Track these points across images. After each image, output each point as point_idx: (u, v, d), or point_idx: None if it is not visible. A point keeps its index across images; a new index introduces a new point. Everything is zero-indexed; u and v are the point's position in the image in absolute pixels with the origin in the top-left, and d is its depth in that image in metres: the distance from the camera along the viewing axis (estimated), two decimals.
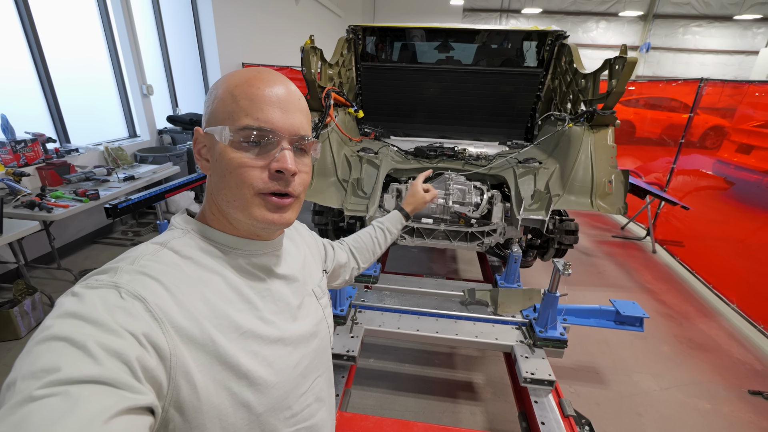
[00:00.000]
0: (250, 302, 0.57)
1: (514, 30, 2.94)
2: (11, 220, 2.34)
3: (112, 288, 0.45)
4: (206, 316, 0.51)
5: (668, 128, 4.77)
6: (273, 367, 0.57)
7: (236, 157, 0.54)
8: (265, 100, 0.54)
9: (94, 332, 0.40)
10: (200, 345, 0.49)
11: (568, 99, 2.43)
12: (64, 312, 0.41)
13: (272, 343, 0.58)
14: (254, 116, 0.53)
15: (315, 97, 2.18)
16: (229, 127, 0.54)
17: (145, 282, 0.47)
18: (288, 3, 8.28)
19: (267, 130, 0.54)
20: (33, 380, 0.35)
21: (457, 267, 3.54)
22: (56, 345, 0.38)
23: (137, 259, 0.51)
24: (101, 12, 3.79)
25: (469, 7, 14.10)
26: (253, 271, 0.61)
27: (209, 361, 0.49)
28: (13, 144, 2.88)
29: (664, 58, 14.11)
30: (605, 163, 2.02)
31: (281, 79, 0.58)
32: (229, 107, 0.54)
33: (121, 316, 0.42)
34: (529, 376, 1.59)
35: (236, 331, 0.53)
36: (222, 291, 0.55)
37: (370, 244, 1.09)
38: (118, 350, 0.39)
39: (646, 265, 3.76)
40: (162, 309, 0.46)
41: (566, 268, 1.61)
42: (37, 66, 3.22)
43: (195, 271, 0.54)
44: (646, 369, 2.38)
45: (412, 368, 2.30)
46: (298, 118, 0.58)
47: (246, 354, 0.53)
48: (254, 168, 0.54)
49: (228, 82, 0.56)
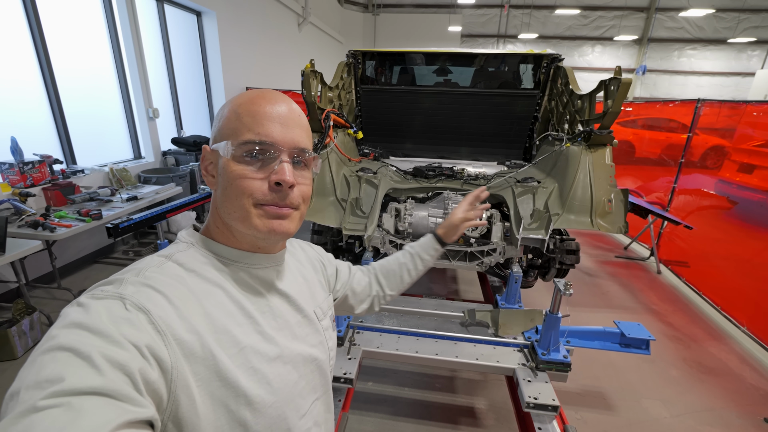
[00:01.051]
0: (250, 317, 0.58)
1: (510, 53, 3.01)
2: (14, 240, 2.36)
3: (117, 299, 0.45)
4: (207, 330, 0.51)
5: (667, 148, 4.80)
6: (272, 384, 0.56)
7: (238, 169, 0.56)
8: (266, 116, 0.57)
9: (99, 343, 0.40)
10: (201, 359, 0.49)
11: (565, 119, 2.46)
12: (69, 322, 0.42)
13: (271, 360, 0.57)
14: (255, 131, 0.56)
15: (315, 119, 2.22)
16: (231, 141, 0.56)
17: (149, 294, 0.48)
18: (291, 29, 8.57)
19: (267, 144, 0.56)
20: (37, 390, 0.35)
21: (458, 288, 3.50)
22: (61, 355, 0.38)
23: (142, 271, 0.52)
24: (111, 38, 3.93)
25: (467, 33, 14.55)
26: (254, 285, 0.61)
27: (209, 376, 0.49)
28: (21, 165, 2.93)
29: (660, 80, 14.38)
30: (604, 182, 2.02)
31: (283, 98, 0.61)
32: (233, 124, 0.57)
33: (125, 327, 0.43)
34: (532, 401, 1.53)
35: (236, 346, 0.53)
36: (223, 304, 0.55)
37: (397, 270, 1.01)
38: (121, 362, 0.40)
39: (651, 285, 3.70)
40: (165, 321, 0.47)
41: (567, 288, 1.59)
42: (48, 91, 3.32)
43: (198, 284, 0.55)
44: (655, 394, 2.30)
45: (411, 392, 2.24)
46: (298, 132, 0.60)
47: (245, 370, 0.53)
48: (254, 179, 0.56)
49: (234, 102, 0.59)
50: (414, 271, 1.04)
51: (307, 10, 9.09)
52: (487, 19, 14.61)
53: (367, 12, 14.09)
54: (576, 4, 13.79)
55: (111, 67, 4.00)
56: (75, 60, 3.56)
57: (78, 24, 3.59)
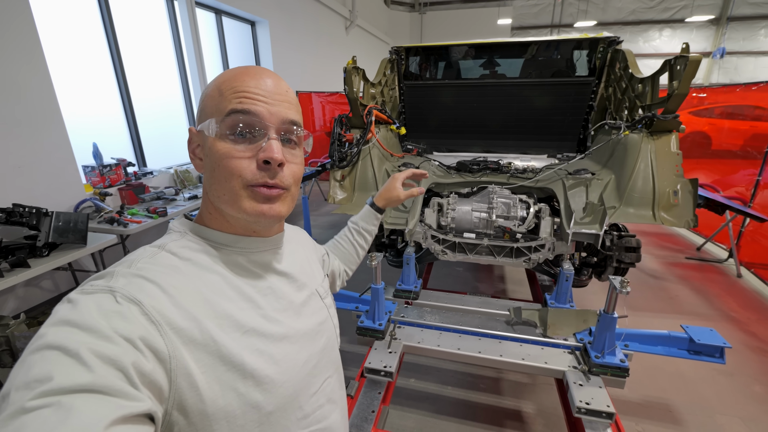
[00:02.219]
0: (251, 300, 0.57)
1: (562, 39, 2.83)
2: (94, 234, 2.65)
3: (108, 293, 0.44)
4: (207, 315, 0.50)
5: (752, 139, 4.24)
6: (280, 365, 0.56)
7: (224, 149, 0.54)
8: (251, 90, 0.54)
9: (88, 339, 0.39)
10: (201, 346, 0.48)
11: (624, 106, 2.27)
12: (58, 319, 0.41)
13: (278, 340, 0.57)
14: (238, 102, 0.54)
15: (357, 115, 2.25)
16: (215, 118, 0.54)
17: (142, 285, 0.47)
18: (338, 33, 8.80)
19: (251, 113, 0.54)
20: (26, 391, 0.34)
21: (505, 287, 3.36)
22: (49, 354, 0.37)
23: (134, 262, 0.50)
24: (176, 51, 4.29)
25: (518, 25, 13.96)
26: (253, 269, 0.60)
27: (212, 362, 0.48)
28: (101, 168, 3.30)
29: (743, 63, 12.77)
30: (669, 171, 1.83)
31: (268, 73, 0.58)
32: (216, 102, 0.55)
33: (116, 321, 0.41)
34: (584, 406, 1.43)
35: (239, 329, 0.53)
36: (222, 290, 0.54)
37: (352, 250, 1.07)
38: (112, 357, 0.38)
39: (730, 290, 3.30)
40: (159, 311, 0.45)
41: (624, 286, 1.46)
42: (123, 101, 3.70)
43: (194, 271, 0.53)
44: (732, 410, 2.04)
45: (455, 391, 2.19)
46: (285, 107, 0.57)
47: (251, 353, 0.52)
48: (242, 159, 0.54)
49: (217, 80, 0.57)
50: (364, 245, 1.10)
51: (354, 13, 9.28)
52: (540, 9, 13.92)
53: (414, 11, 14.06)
54: None
55: (176, 77, 4.37)
56: (145, 71, 3.94)
57: (147, 38, 3.96)
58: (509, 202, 2.12)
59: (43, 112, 2.70)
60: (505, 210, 2.11)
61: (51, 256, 2.25)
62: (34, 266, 2.12)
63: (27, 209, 2.24)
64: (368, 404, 1.55)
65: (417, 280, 2.23)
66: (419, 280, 2.24)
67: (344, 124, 2.33)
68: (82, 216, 2.45)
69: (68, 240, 2.32)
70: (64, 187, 2.93)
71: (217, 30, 5.03)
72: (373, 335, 1.82)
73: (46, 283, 2.93)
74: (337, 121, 2.31)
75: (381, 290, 1.84)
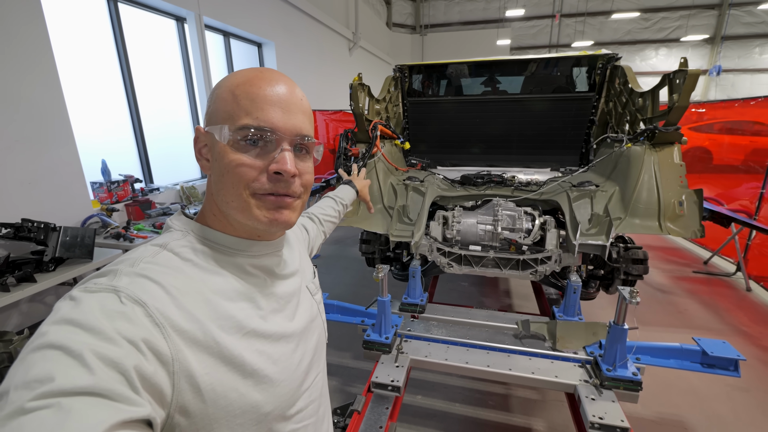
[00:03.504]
0: (252, 301, 0.57)
1: (562, 56, 2.90)
2: (100, 249, 2.66)
3: (112, 292, 0.43)
4: (208, 317, 0.50)
5: (753, 154, 4.27)
6: (278, 365, 0.56)
7: (235, 157, 0.53)
8: (266, 99, 0.53)
9: (91, 340, 0.38)
10: (204, 347, 0.48)
11: (625, 120, 2.30)
12: (60, 318, 0.40)
13: (276, 341, 0.58)
14: (254, 116, 0.53)
15: (362, 130, 2.29)
16: (228, 126, 0.53)
17: (145, 285, 0.46)
18: (342, 54, 9.03)
19: (266, 130, 0.53)
20: (26, 390, 0.34)
21: (511, 302, 3.33)
22: (51, 353, 0.36)
23: (137, 261, 0.49)
24: (185, 71, 4.41)
25: (517, 45, 14.29)
26: (254, 271, 0.60)
27: (214, 363, 0.48)
28: (109, 184, 3.34)
29: (740, 80, 12.98)
30: (673, 182, 1.84)
31: (284, 79, 0.57)
32: (229, 107, 0.54)
33: (119, 322, 0.41)
34: (597, 421, 1.39)
35: (240, 330, 0.53)
36: (223, 291, 0.54)
37: (335, 218, 1.18)
38: (114, 360, 0.38)
39: (740, 304, 3.25)
40: (163, 313, 0.45)
41: (633, 296, 1.45)
42: (132, 119, 3.78)
43: (196, 272, 0.53)
44: (750, 428, 1.98)
45: (463, 408, 2.14)
46: (300, 118, 0.56)
47: (251, 353, 0.53)
48: (252, 168, 0.53)
49: (230, 81, 0.56)
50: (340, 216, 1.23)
51: (357, 35, 9.55)
52: (538, 30, 14.29)
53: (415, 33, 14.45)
54: (635, 6, 13.04)
55: (184, 96, 4.47)
56: (154, 90, 4.04)
57: (157, 58, 4.08)
58: (514, 214, 2.12)
59: (54, 130, 2.76)
60: (510, 222, 2.11)
61: (57, 271, 2.25)
62: (40, 281, 2.12)
63: (35, 224, 2.25)
64: (376, 420, 1.52)
65: (423, 293, 2.22)
66: (425, 294, 2.23)
67: (350, 139, 2.36)
68: (89, 231, 2.46)
69: (75, 255, 2.33)
70: (72, 202, 2.96)
71: (225, 51, 5.17)
72: (380, 349, 1.79)
73: (50, 298, 2.93)
74: (343, 136, 2.35)
75: (388, 303, 1.83)
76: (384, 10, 13.87)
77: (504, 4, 13.69)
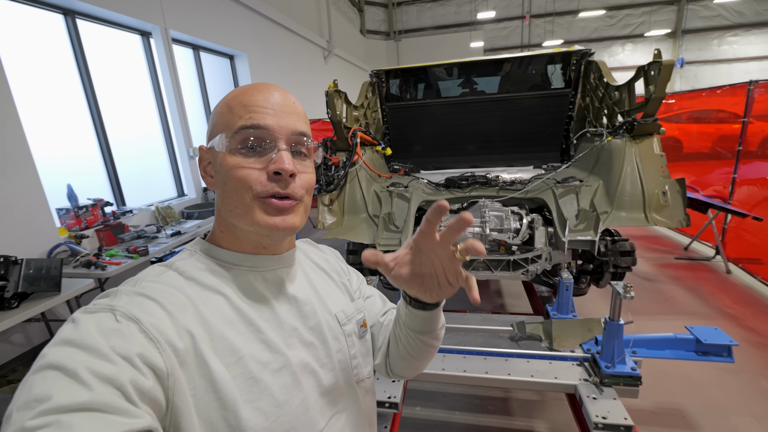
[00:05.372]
0: (252, 324, 0.54)
1: (536, 54, 2.92)
2: (69, 279, 2.50)
3: (108, 311, 0.44)
4: (203, 337, 0.49)
5: (720, 140, 4.42)
6: (276, 396, 0.52)
7: (234, 161, 0.54)
8: (259, 104, 0.55)
9: (86, 358, 0.39)
10: (195, 368, 0.47)
11: (603, 114, 2.33)
12: (59, 339, 0.41)
13: (276, 371, 0.53)
14: (247, 117, 0.54)
15: (342, 137, 2.23)
16: (225, 133, 0.55)
17: (142, 303, 0.47)
18: (317, 62, 8.97)
19: (261, 128, 0.54)
20: (26, 411, 0.35)
21: (503, 302, 3.31)
22: (48, 374, 0.38)
23: (139, 281, 0.51)
24: (154, 87, 4.26)
25: (490, 47, 14.57)
26: (259, 290, 0.58)
27: (204, 387, 0.47)
28: (76, 210, 3.16)
29: (702, 71, 13.57)
30: (655, 173, 1.86)
31: (276, 87, 0.59)
32: (225, 118, 0.56)
33: (114, 339, 0.41)
34: (601, 421, 1.36)
35: (234, 354, 0.50)
36: (223, 312, 0.53)
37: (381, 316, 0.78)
38: (109, 375, 0.38)
39: (722, 287, 3.32)
40: (158, 328, 0.45)
41: (627, 291, 1.43)
42: (99, 139, 3.61)
43: (197, 291, 0.53)
44: (744, 410, 2.00)
45: (463, 416, 2.08)
46: (294, 118, 0.57)
47: (244, 380, 0.50)
48: (252, 170, 0.54)
49: (226, 97, 0.58)
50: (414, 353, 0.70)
51: (331, 43, 9.51)
52: (509, 32, 14.60)
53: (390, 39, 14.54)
54: (600, 5, 13.50)
55: (155, 113, 4.32)
56: (123, 110, 3.88)
57: (124, 75, 3.92)
58: (501, 214, 2.10)
59: (11, 155, 2.59)
60: (498, 223, 2.08)
61: (21, 307, 2.09)
62: (1, 320, 1.96)
63: None
64: None
65: None
66: None
67: (329, 148, 2.30)
68: (55, 261, 2.31)
69: (40, 288, 2.18)
70: (37, 232, 2.78)
71: (195, 65, 5.04)
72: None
73: (17, 336, 2.73)
74: (322, 145, 2.28)
75: None
76: (357, 18, 13.91)
77: (475, 7, 13.94)
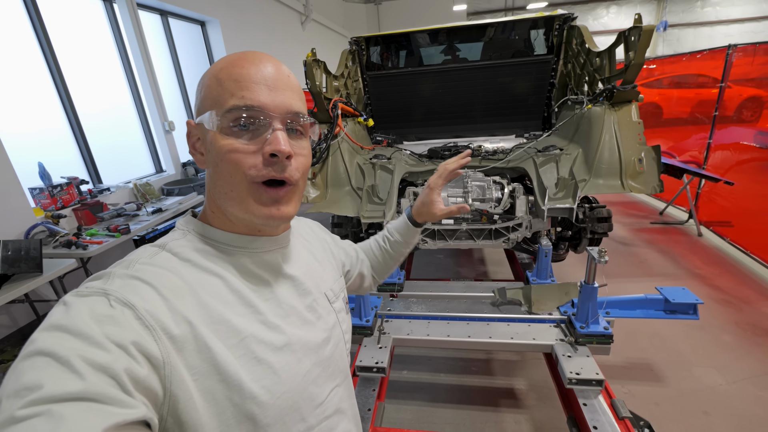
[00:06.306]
0: (251, 305, 0.54)
1: (518, 19, 2.86)
2: (51, 260, 2.45)
3: (102, 295, 0.43)
4: (202, 320, 0.48)
5: (698, 105, 4.49)
6: (279, 375, 0.53)
7: (227, 143, 0.51)
8: (251, 78, 0.51)
9: (79, 346, 0.37)
10: (195, 351, 0.46)
11: (584, 81, 2.33)
12: (50, 324, 0.39)
13: (278, 349, 0.54)
14: (240, 95, 0.50)
15: (322, 109, 2.18)
16: (216, 111, 0.51)
17: (137, 287, 0.45)
18: (294, 28, 8.57)
19: (255, 109, 0.50)
20: (16, 399, 0.33)
21: (486, 269, 3.41)
22: (39, 360, 0.36)
23: (132, 263, 0.49)
24: (121, 57, 4.03)
25: (473, 10, 14.12)
26: (256, 272, 0.57)
27: (207, 370, 0.46)
28: (50, 189, 3.05)
29: (684, 34, 13.51)
30: (632, 140, 1.89)
31: (268, 58, 0.55)
32: (215, 92, 0.52)
33: (108, 326, 0.40)
34: (575, 377, 1.46)
35: (236, 336, 0.50)
36: (221, 294, 0.52)
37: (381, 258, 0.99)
38: (103, 364, 0.37)
39: (693, 249, 3.49)
40: (153, 315, 0.44)
41: (602, 256, 1.49)
42: (67, 115, 3.43)
43: (193, 273, 0.51)
44: (707, 362, 2.16)
45: (448, 378, 2.20)
46: (289, 95, 0.54)
47: (248, 361, 0.50)
48: (246, 153, 0.51)
49: (214, 67, 0.54)
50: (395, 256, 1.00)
51: (308, 7, 9.05)
52: None
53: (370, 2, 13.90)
54: None
55: (125, 85, 4.11)
56: (90, 82, 3.67)
57: (88, 45, 3.69)
58: (483, 184, 2.13)
59: None
60: (480, 193, 2.11)
61: (3, 289, 2.06)
62: None
63: None
64: (363, 403, 1.52)
65: (400, 271, 2.21)
66: (402, 272, 2.23)
67: None
68: (35, 242, 2.26)
69: (21, 270, 2.14)
70: (11, 213, 2.69)
71: (165, 32, 4.76)
72: (362, 332, 1.78)
73: (2, 318, 2.70)
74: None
75: None
76: None
77: None
